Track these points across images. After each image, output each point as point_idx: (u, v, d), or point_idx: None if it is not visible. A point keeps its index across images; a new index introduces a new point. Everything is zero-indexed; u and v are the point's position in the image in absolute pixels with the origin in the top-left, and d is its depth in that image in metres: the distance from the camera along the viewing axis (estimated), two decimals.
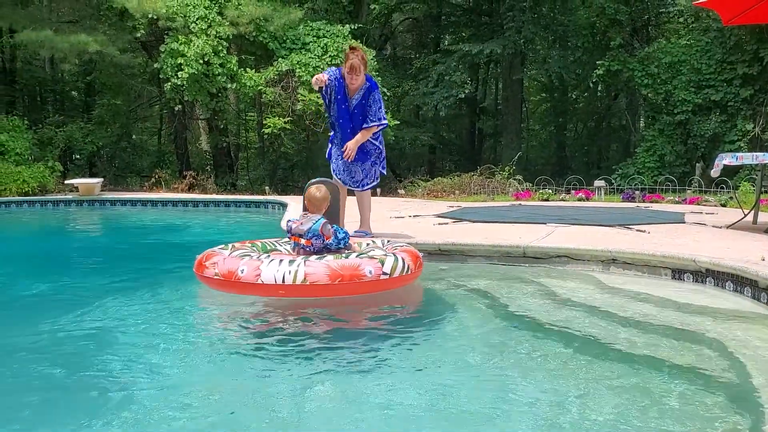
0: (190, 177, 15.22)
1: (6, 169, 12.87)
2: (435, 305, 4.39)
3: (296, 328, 3.83)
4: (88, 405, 2.66)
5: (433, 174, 19.08)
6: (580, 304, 4.28)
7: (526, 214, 8.18)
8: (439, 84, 17.97)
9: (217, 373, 3.08)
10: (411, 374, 3.05)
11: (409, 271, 4.38)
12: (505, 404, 2.67)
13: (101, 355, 3.31)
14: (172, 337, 3.68)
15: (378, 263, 4.20)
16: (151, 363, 3.19)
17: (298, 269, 4.01)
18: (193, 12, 13.67)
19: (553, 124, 25.58)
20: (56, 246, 8.19)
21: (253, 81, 14.20)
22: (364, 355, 3.34)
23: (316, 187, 4.80)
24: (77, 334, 3.70)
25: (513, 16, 17.84)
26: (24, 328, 3.83)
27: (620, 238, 5.85)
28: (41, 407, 2.65)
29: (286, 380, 2.95)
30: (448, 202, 10.95)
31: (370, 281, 4.14)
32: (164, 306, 4.51)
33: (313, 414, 2.61)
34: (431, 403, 2.70)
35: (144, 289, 4.87)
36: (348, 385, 2.92)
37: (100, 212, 12.26)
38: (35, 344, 3.49)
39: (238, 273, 4.11)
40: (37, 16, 16.34)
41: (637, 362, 3.15)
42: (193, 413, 2.58)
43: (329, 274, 4.03)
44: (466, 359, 3.26)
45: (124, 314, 4.17)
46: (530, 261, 5.38)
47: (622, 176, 15.23)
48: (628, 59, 15.92)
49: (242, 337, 3.70)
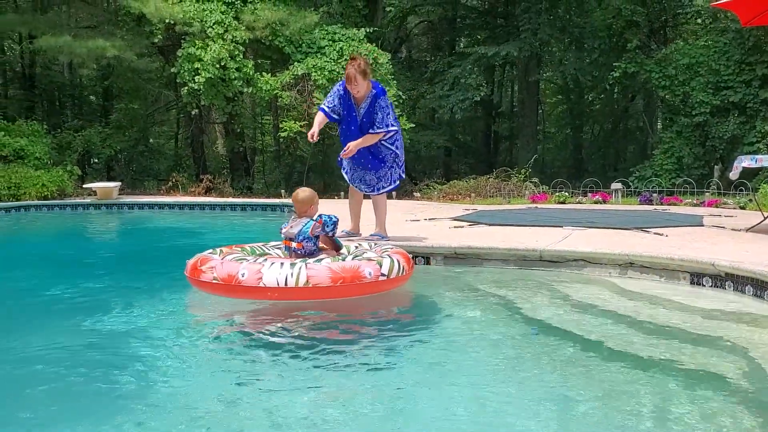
0: (207, 180, 15.30)
1: (25, 173, 13.01)
2: (451, 309, 4.38)
3: (312, 332, 3.84)
4: (102, 406, 2.67)
5: (449, 177, 19.06)
6: (597, 308, 4.25)
7: (542, 217, 8.15)
8: (454, 87, 17.95)
9: (225, 377, 3.09)
10: (423, 377, 3.04)
11: (403, 272, 4.48)
12: (520, 409, 2.66)
13: (117, 357, 3.34)
14: (186, 340, 3.72)
15: (376, 265, 4.29)
16: (165, 366, 3.23)
17: (300, 272, 4.06)
18: (209, 17, 13.76)
19: (569, 127, 25.45)
20: (75, 249, 8.26)
21: (269, 85, 14.26)
22: (375, 358, 3.34)
23: (301, 189, 4.87)
24: (95, 336, 3.74)
25: (529, 18, 17.79)
26: (42, 330, 3.87)
27: (638, 241, 5.81)
28: (56, 408, 2.67)
29: (303, 385, 2.96)
30: (463, 205, 10.94)
31: (370, 282, 4.23)
32: (180, 309, 4.56)
33: (330, 419, 2.62)
34: (444, 406, 2.68)
35: (161, 292, 4.90)
36: (361, 386, 2.92)
37: (117, 216, 12.36)
38: (53, 346, 3.52)
39: (239, 277, 4.13)
40: (56, 21, 16.51)
41: (655, 367, 3.12)
42: (198, 415, 2.60)
43: (331, 276, 4.10)
44: (481, 363, 3.25)
45: (141, 317, 4.20)
46: (547, 265, 5.36)
47: (639, 179, 15.12)
48: (645, 61, 15.82)
49: (257, 341, 3.71)
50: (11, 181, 12.72)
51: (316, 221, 4.67)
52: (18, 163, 13.40)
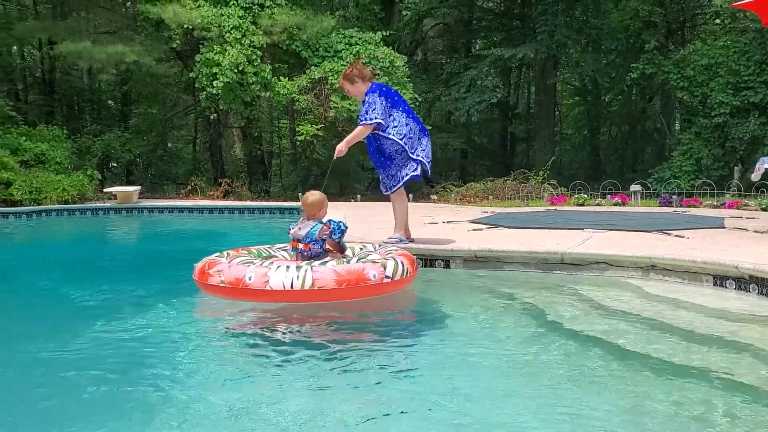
0: (225, 184, 15.40)
1: (46, 178, 13.14)
2: (471, 312, 4.37)
3: (326, 334, 3.87)
4: (117, 407, 2.71)
5: (465, 179, 19.01)
6: (619, 311, 4.23)
7: (561, 219, 8.11)
8: (471, 89, 17.92)
9: (236, 380, 3.11)
10: (442, 380, 3.04)
11: (407, 274, 4.55)
12: (541, 413, 2.65)
13: (133, 360, 3.38)
14: (201, 343, 3.77)
15: (380, 267, 4.36)
16: (179, 369, 3.27)
17: (305, 275, 4.16)
18: (227, 22, 13.85)
19: (586, 128, 25.33)
20: (95, 253, 8.34)
21: (286, 89, 14.33)
22: (392, 361, 3.35)
23: (310, 192, 4.94)
24: (113, 339, 3.78)
25: (545, 20, 17.73)
26: (62, 333, 3.92)
27: (659, 243, 5.78)
28: (75, 409, 2.71)
29: (314, 386, 2.97)
30: (481, 208, 10.92)
31: (375, 284, 4.31)
32: (197, 312, 4.62)
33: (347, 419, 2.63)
34: (460, 410, 2.69)
35: (181, 295, 4.94)
36: (376, 389, 2.92)
37: (137, 220, 12.46)
38: (72, 349, 3.57)
39: (246, 280, 4.22)
40: (75, 27, 16.68)
41: (679, 371, 3.10)
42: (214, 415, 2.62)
43: (336, 279, 4.18)
44: (502, 367, 3.24)
45: (161, 320, 4.26)
46: (568, 267, 5.34)
47: (658, 180, 15.01)
48: (663, 62, 15.72)
49: (273, 345, 3.73)
50: (32, 186, 12.85)
51: (325, 225, 4.75)
52: (39, 167, 13.55)
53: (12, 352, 3.55)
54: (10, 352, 3.55)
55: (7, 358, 3.43)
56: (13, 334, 3.96)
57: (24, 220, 11.92)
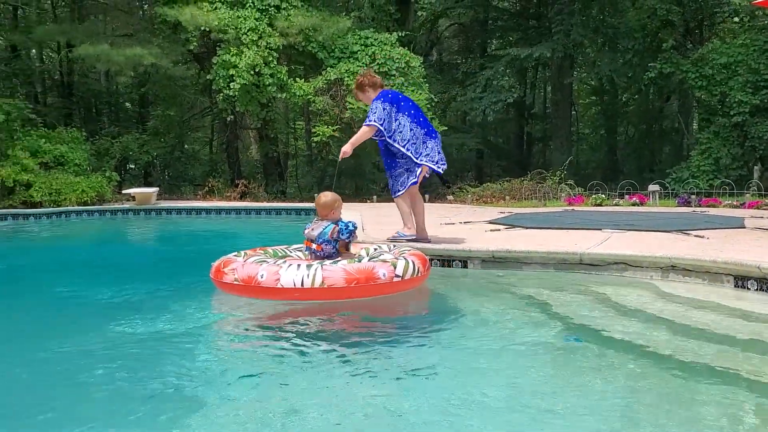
0: (242, 185, 15.47)
1: (66, 180, 13.27)
2: (491, 313, 4.36)
3: (345, 333, 3.87)
4: (144, 404, 2.73)
5: (481, 179, 18.97)
6: (639, 311, 4.21)
7: (580, 219, 8.08)
8: (486, 89, 17.89)
9: (254, 378, 3.13)
10: (461, 381, 3.03)
11: (418, 273, 4.61)
12: (560, 416, 2.63)
13: (159, 357, 3.41)
14: (218, 341, 3.81)
15: (390, 266, 4.43)
16: (197, 367, 3.31)
17: (316, 273, 4.26)
18: (244, 24, 13.92)
19: (603, 128, 25.20)
20: (114, 254, 8.41)
21: (302, 90, 14.37)
22: (411, 361, 3.35)
23: (323, 193, 5.04)
24: (134, 339, 3.82)
25: (562, 20, 17.66)
26: (82, 332, 3.95)
27: (678, 244, 5.74)
28: (100, 407, 2.73)
29: (332, 385, 2.98)
30: (498, 208, 10.90)
31: (384, 283, 4.38)
32: (215, 311, 4.66)
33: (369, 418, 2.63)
34: (479, 411, 2.68)
35: (200, 295, 5.01)
36: (396, 389, 2.93)
37: (156, 221, 12.55)
38: (92, 348, 3.60)
39: (258, 278, 4.35)
40: (93, 30, 16.84)
41: (701, 372, 3.08)
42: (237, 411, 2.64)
43: (346, 278, 4.27)
44: (522, 368, 3.23)
45: (181, 319, 4.30)
46: (587, 268, 5.32)
47: (676, 180, 14.90)
48: (681, 61, 15.60)
49: (292, 342, 3.75)
50: (52, 188, 12.99)
51: (336, 225, 4.85)
52: (58, 169, 13.69)
53: (34, 350, 3.59)
54: (32, 351, 3.59)
55: (29, 356, 3.46)
56: (35, 333, 4.00)
57: (44, 221, 12.05)
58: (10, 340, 3.85)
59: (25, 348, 3.69)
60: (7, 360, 3.44)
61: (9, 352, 3.61)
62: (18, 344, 3.78)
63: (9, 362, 3.39)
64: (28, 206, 12.80)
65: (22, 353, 3.58)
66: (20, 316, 4.53)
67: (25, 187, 12.99)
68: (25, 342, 3.82)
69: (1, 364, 3.37)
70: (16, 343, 3.79)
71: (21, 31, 17.63)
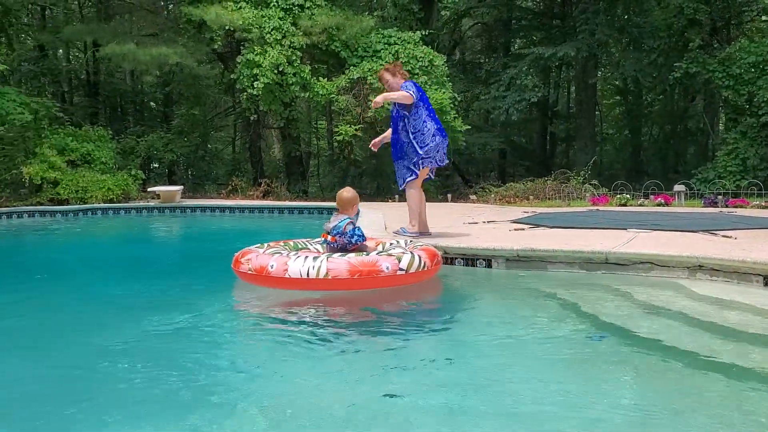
0: (265, 184, 15.55)
1: (92, 178, 13.45)
2: (515, 311, 4.35)
3: (367, 328, 3.88)
4: (166, 400, 2.76)
5: (504, 179, 18.90)
6: (666, 311, 4.17)
7: (604, 219, 8.02)
8: (510, 88, 17.80)
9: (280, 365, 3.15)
10: (484, 375, 3.03)
11: (425, 267, 4.78)
12: (584, 416, 2.61)
13: (183, 352, 3.46)
14: (241, 334, 3.87)
15: (395, 260, 4.62)
16: (228, 358, 3.38)
17: (321, 265, 4.48)
18: (268, 23, 13.99)
19: (627, 128, 24.95)
20: (140, 251, 8.50)
21: (325, 89, 14.42)
22: (436, 359, 3.35)
23: (345, 189, 5.32)
24: (158, 333, 3.88)
25: (586, 19, 17.52)
26: (109, 328, 4.00)
27: (705, 244, 5.67)
28: (128, 400, 2.76)
29: (351, 378, 2.99)
30: (522, 208, 10.84)
31: (388, 276, 4.56)
32: (237, 306, 4.78)
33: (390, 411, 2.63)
34: (503, 409, 2.67)
35: (224, 290, 5.12)
36: (420, 384, 2.93)
37: (180, 219, 12.66)
38: (120, 344, 3.65)
39: (268, 268, 4.62)
40: (119, 30, 17.03)
41: (730, 374, 3.04)
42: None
43: (349, 270, 4.48)
44: (547, 367, 3.22)
45: (206, 313, 4.37)
46: (612, 267, 5.27)
47: (701, 181, 14.71)
48: (708, 60, 15.40)
49: (321, 340, 3.77)
50: (79, 185, 13.17)
51: (351, 221, 5.12)
52: (85, 167, 13.87)
53: (65, 345, 3.64)
54: (62, 346, 3.64)
55: (59, 352, 3.51)
56: (65, 329, 4.06)
57: (71, 218, 12.21)
58: (37, 336, 3.90)
59: (57, 343, 3.74)
60: (34, 354, 3.49)
61: (36, 346, 3.67)
62: (46, 340, 3.83)
63: (36, 357, 3.44)
64: (56, 203, 12.99)
65: (49, 348, 3.63)
66: (47, 312, 4.59)
67: (52, 185, 13.19)
68: (56, 338, 3.86)
69: (28, 358, 3.41)
70: (44, 339, 3.84)
71: (49, 31, 17.88)
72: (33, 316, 4.43)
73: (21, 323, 4.24)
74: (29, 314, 4.51)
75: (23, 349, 3.62)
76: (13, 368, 3.25)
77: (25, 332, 3.98)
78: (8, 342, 3.76)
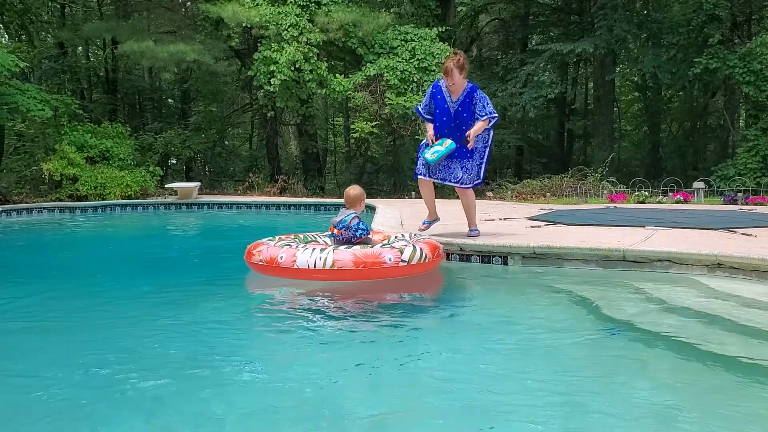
0: (281, 181, 15.61)
1: (111, 174, 13.56)
2: (530, 308, 4.33)
3: (384, 321, 3.88)
4: (191, 391, 2.78)
5: (521, 176, 18.83)
6: (684, 309, 4.12)
7: (622, 216, 7.96)
8: (527, 84, 17.71)
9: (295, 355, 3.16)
10: (501, 376, 3.01)
11: (426, 259, 4.95)
12: (600, 413, 2.59)
13: (200, 345, 3.48)
14: (266, 326, 3.86)
15: (398, 252, 4.79)
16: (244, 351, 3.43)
17: (327, 256, 4.68)
18: (285, 20, 14.02)
19: (645, 125, 24.74)
20: (158, 246, 8.55)
21: (341, 86, 14.43)
22: (453, 356, 3.34)
23: (353, 186, 5.59)
24: (179, 327, 3.90)
25: (605, 15, 17.39)
26: (129, 323, 4.03)
27: (725, 241, 5.61)
28: (149, 393, 2.78)
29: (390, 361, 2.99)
30: (538, 205, 10.80)
31: (391, 267, 4.73)
32: (252, 299, 4.88)
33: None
34: (521, 407, 2.66)
35: (240, 284, 5.21)
36: (442, 382, 2.92)
37: (198, 215, 12.74)
38: (145, 336, 3.68)
39: (278, 259, 4.83)
40: (138, 27, 17.14)
41: (751, 373, 3.00)
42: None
43: (354, 261, 4.67)
44: (564, 365, 3.19)
45: (224, 307, 4.43)
46: (630, 265, 5.24)
47: (721, 178, 14.58)
48: (728, 56, 15.23)
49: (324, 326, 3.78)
50: (97, 181, 13.29)
51: (356, 216, 5.35)
52: (103, 164, 13.98)
53: (87, 340, 3.68)
54: (85, 340, 3.67)
55: (82, 345, 3.54)
56: (86, 324, 4.09)
57: (90, 214, 12.32)
58: (59, 331, 3.94)
59: (82, 338, 3.78)
60: (54, 349, 3.52)
61: (57, 341, 3.70)
62: (66, 335, 3.86)
63: (56, 351, 3.48)
64: (75, 199, 13.12)
65: (69, 342, 3.67)
66: (67, 307, 4.63)
67: (71, 181, 13.32)
68: (79, 333, 3.90)
69: (48, 351, 3.45)
70: (65, 334, 3.87)
71: (68, 29, 18.04)
72: (51, 311, 4.47)
73: (41, 318, 4.29)
74: (51, 310, 4.56)
75: (44, 342, 3.66)
76: (34, 361, 3.28)
77: (44, 326, 4.02)
78: (30, 335, 3.80)
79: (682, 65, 17.27)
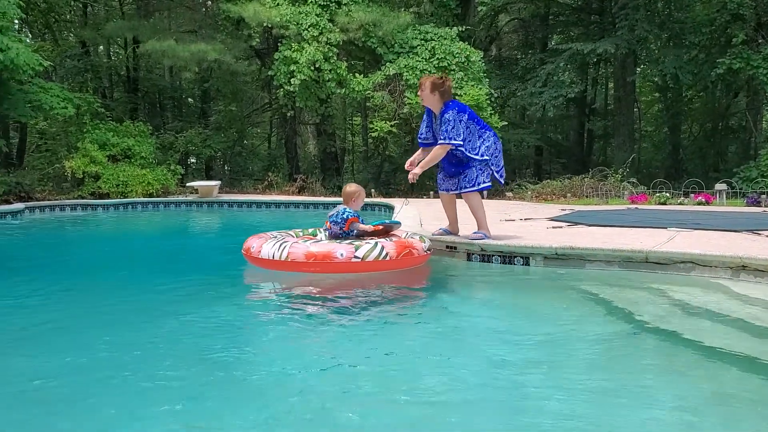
0: (300, 180, 15.66)
1: (132, 172, 13.69)
2: (553, 309, 4.32)
3: (398, 318, 3.89)
4: (205, 387, 2.80)
5: (540, 176, 18.76)
6: (707, 312, 4.09)
7: (644, 218, 7.91)
8: (547, 84, 17.64)
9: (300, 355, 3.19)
10: (523, 377, 3.01)
11: (386, 258, 5.07)
12: (624, 417, 2.58)
13: (214, 342, 3.51)
14: (277, 323, 3.91)
15: (352, 248, 5.01)
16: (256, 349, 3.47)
17: (284, 249, 5.07)
18: (305, 20, 14.07)
19: (666, 126, 24.52)
20: (179, 244, 8.62)
21: (361, 86, 14.45)
22: (475, 357, 3.34)
23: (349, 183, 5.85)
24: (198, 323, 3.94)
25: (626, 14, 17.27)
26: (149, 319, 4.08)
27: (749, 244, 5.55)
28: (163, 390, 2.81)
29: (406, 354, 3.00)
30: (559, 206, 10.75)
31: (341, 262, 4.98)
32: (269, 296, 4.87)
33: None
34: (542, 405, 2.65)
35: (259, 283, 5.26)
36: (461, 383, 2.93)
37: (219, 213, 12.83)
38: (163, 332, 3.74)
39: (250, 249, 5.34)
40: (159, 27, 17.28)
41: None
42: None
43: (306, 254, 5.00)
44: (587, 366, 3.19)
45: (241, 305, 4.49)
46: (653, 266, 5.20)
47: (743, 179, 14.41)
48: (752, 56, 15.06)
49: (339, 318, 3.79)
50: (119, 179, 13.42)
51: (345, 211, 5.62)
52: (125, 162, 14.12)
53: (106, 336, 3.71)
54: (104, 337, 3.71)
55: (99, 341, 3.58)
56: (107, 320, 4.13)
57: (111, 212, 12.44)
58: (79, 327, 3.98)
59: (102, 334, 3.82)
60: (72, 344, 3.56)
61: (77, 336, 3.75)
62: (87, 331, 3.90)
63: (74, 346, 3.52)
64: (97, 197, 13.25)
65: (89, 337, 3.71)
66: (90, 304, 4.67)
67: (94, 179, 13.46)
68: (99, 329, 3.94)
69: (66, 349, 3.49)
70: (86, 331, 3.91)
71: (91, 28, 18.22)
72: (73, 307, 4.52)
73: (55, 312, 4.34)
74: (65, 303, 4.62)
75: (61, 338, 3.71)
76: (51, 355, 3.32)
77: (63, 324, 4.07)
78: (44, 328, 3.85)
79: (704, 66, 17.11)
